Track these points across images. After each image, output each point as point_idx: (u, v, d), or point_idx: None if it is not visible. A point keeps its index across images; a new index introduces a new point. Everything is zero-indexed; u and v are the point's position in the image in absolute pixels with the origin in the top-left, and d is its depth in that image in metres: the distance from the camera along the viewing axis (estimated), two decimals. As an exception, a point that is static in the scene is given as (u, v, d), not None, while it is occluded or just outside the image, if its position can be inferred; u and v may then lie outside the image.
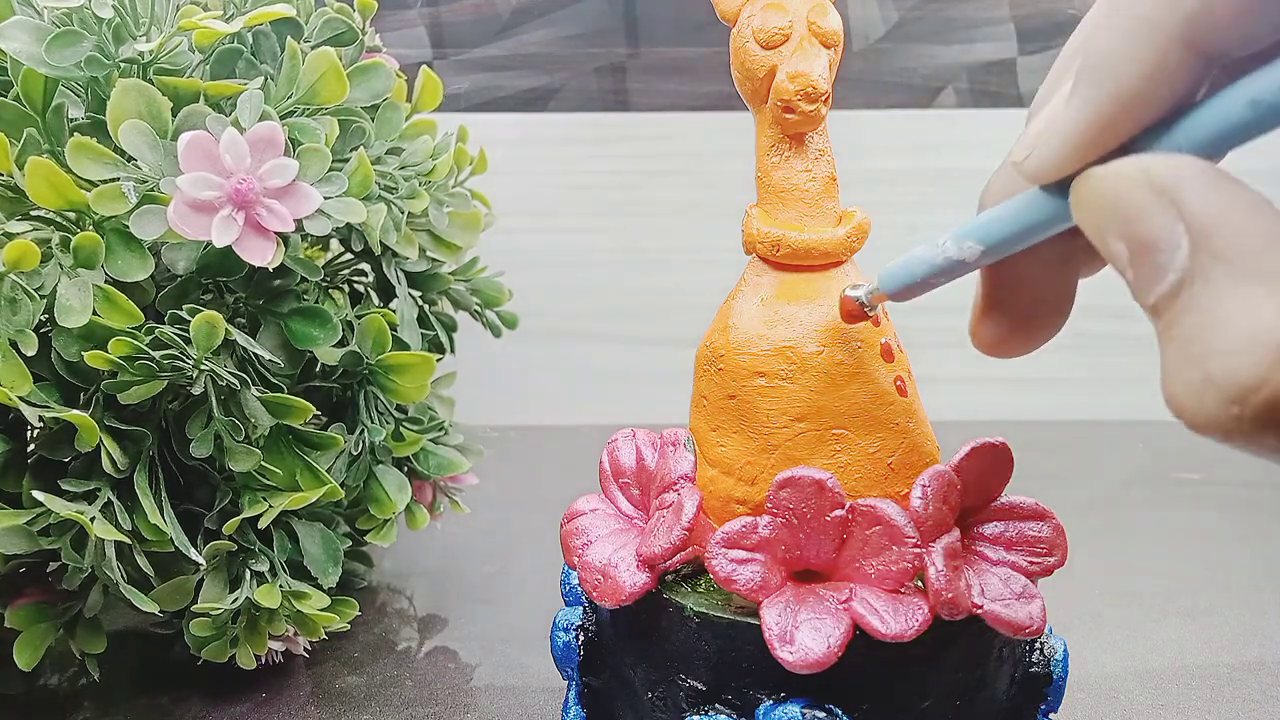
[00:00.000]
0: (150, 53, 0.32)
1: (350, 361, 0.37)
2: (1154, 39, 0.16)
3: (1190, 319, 0.15)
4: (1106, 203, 0.17)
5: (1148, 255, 0.16)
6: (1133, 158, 0.16)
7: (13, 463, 0.32)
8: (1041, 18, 0.70)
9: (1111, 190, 0.16)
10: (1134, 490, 0.57)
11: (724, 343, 0.27)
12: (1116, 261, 0.17)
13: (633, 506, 0.29)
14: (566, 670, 0.29)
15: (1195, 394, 0.15)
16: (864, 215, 0.28)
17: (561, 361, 0.71)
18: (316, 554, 0.37)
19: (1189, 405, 0.15)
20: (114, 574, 0.32)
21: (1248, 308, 0.14)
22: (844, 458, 0.26)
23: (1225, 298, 0.15)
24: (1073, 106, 0.17)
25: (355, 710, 0.37)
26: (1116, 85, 0.16)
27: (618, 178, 0.70)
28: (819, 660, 0.23)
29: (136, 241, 0.31)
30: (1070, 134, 0.17)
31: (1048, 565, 0.25)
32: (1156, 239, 0.16)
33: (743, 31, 0.27)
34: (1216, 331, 0.15)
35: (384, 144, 0.39)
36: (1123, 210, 0.16)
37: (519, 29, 0.71)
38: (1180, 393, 0.15)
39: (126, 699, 0.37)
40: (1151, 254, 0.16)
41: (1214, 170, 0.16)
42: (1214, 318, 0.15)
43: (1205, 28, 0.15)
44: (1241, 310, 0.14)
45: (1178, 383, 0.15)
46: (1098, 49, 0.16)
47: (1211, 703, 0.36)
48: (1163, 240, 0.15)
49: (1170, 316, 0.15)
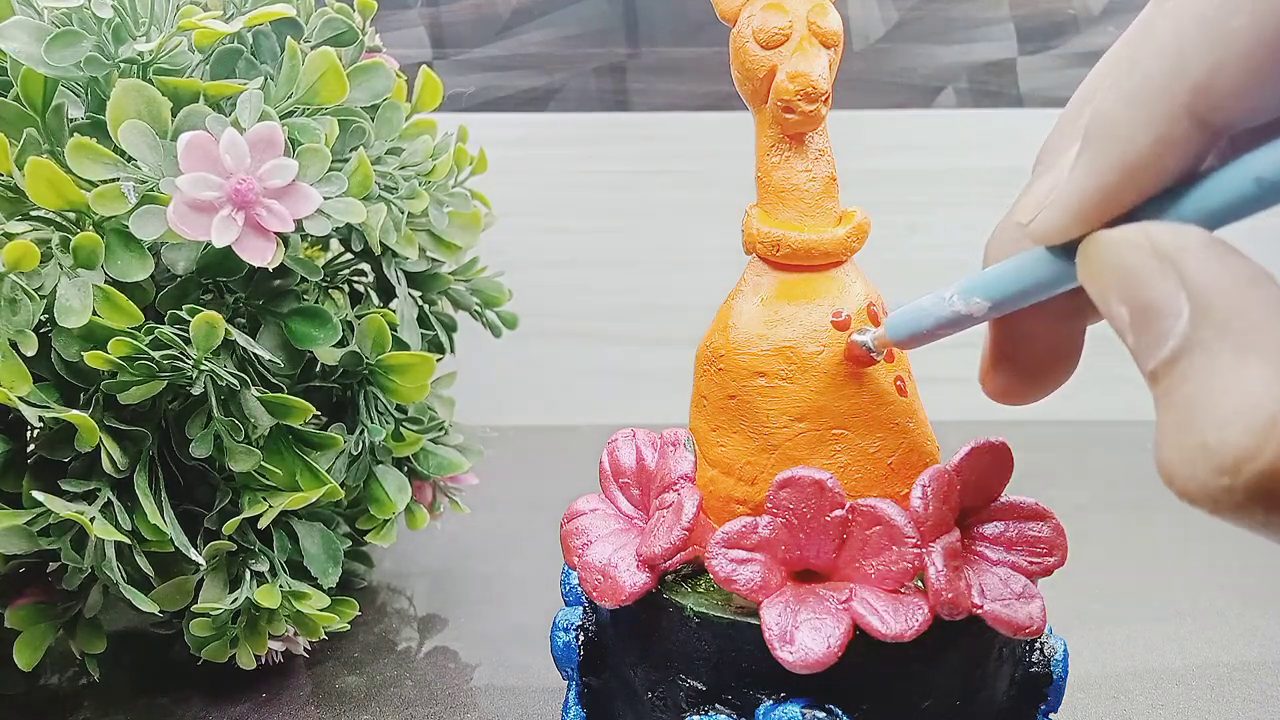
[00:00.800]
0: (150, 53, 0.32)
1: (350, 361, 0.37)
2: (1160, 109, 0.16)
3: (1187, 387, 0.15)
4: (1111, 267, 0.17)
5: (1149, 321, 0.16)
6: (1139, 225, 0.17)
7: (13, 463, 0.32)
8: (1041, 18, 0.70)
9: (1116, 255, 0.17)
10: (1134, 490, 0.57)
11: (724, 343, 0.27)
12: (1118, 325, 0.17)
13: (633, 506, 0.29)
14: (566, 670, 0.29)
15: (1187, 462, 0.15)
16: (864, 215, 0.28)
17: (561, 361, 0.71)
18: (316, 554, 0.37)
19: (1180, 473, 0.15)
20: (114, 574, 0.32)
21: (1244, 379, 0.14)
22: (844, 458, 0.26)
23: (1223, 368, 0.15)
24: (1078, 172, 0.17)
25: (355, 710, 0.37)
26: (1122, 153, 0.16)
27: (618, 178, 0.70)
28: (819, 660, 0.23)
29: (136, 241, 0.31)
30: (1075, 199, 0.17)
31: (1048, 565, 0.25)
32: (1158, 306, 0.16)
33: (743, 31, 0.27)
34: (1212, 401, 0.15)
35: (384, 144, 0.39)
36: (1126, 275, 0.16)
37: (519, 29, 0.71)
38: (1172, 459, 0.15)
39: (126, 699, 0.37)
40: (1153, 320, 0.16)
41: (1217, 241, 0.16)
42: (1210, 387, 0.15)
43: (1211, 99, 0.15)
44: (1238, 381, 0.14)
45: (1171, 450, 0.15)
46: (1104, 115, 0.16)
47: (1211, 703, 0.36)
48: (1164, 307, 0.16)
49: (1168, 384, 0.16)
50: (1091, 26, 0.70)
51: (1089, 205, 0.17)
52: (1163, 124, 0.16)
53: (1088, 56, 0.70)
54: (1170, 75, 0.15)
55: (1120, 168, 0.16)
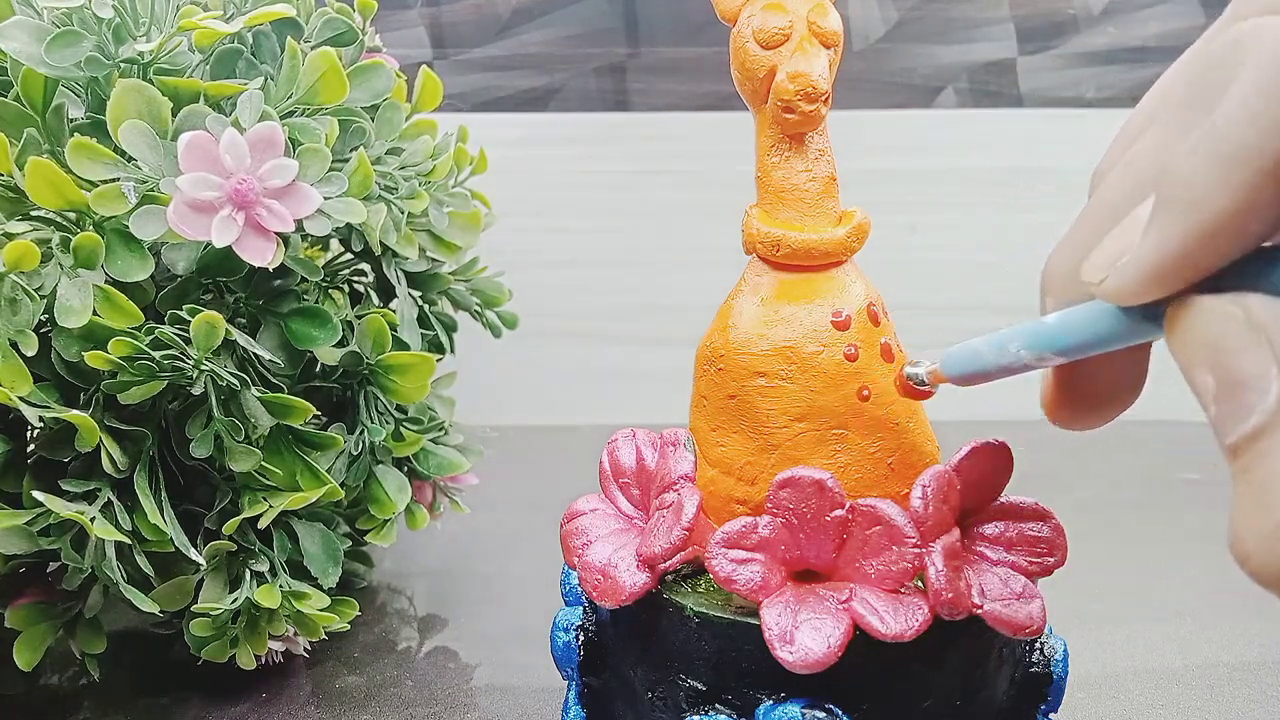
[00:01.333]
0: (150, 53, 0.32)
1: (350, 361, 0.37)
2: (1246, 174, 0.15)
3: (1267, 464, 0.15)
4: (1201, 335, 0.16)
5: (1235, 394, 0.16)
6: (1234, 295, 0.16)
7: (13, 463, 0.32)
8: (1041, 18, 0.70)
9: (1208, 324, 0.16)
10: (1134, 490, 0.57)
11: (724, 343, 0.27)
12: (1202, 395, 0.16)
13: (633, 506, 0.29)
14: (566, 670, 0.29)
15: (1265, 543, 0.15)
16: (864, 215, 0.28)
17: (561, 361, 0.71)
18: (316, 554, 0.37)
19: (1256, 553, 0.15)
20: (114, 574, 0.32)
21: None
22: (844, 458, 0.26)
23: None
24: (1154, 235, 0.16)
25: (355, 710, 0.37)
26: (1202, 218, 0.16)
27: (618, 178, 0.70)
28: (819, 660, 0.23)
29: (136, 241, 0.31)
30: (1152, 264, 0.17)
31: (1048, 565, 0.25)
32: (1247, 378, 0.16)
33: (743, 31, 0.27)
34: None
35: (384, 144, 0.39)
36: (1217, 344, 0.16)
37: (519, 29, 0.71)
38: (1247, 538, 0.15)
39: (126, 699, 0.37)
40: (1239, 393, 0.16)
41: None
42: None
43: None
44: None
45: (1246, 528, 0.15)
46: (1183, 177, 0.16)
47: (1211, 703, 0.36)
48: (1253, 382, 0.15)
49: (1247, 460, 0.15)
50: (1091, 26, 0.70)
51: (1167, 270, 0.16)
52: (1248, 189, 0.15)
53: (1088, 56, 0.70)
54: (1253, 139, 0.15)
55: (1200, 233, 0.16)
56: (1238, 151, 0.15)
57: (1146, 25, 0.69)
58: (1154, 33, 0.69)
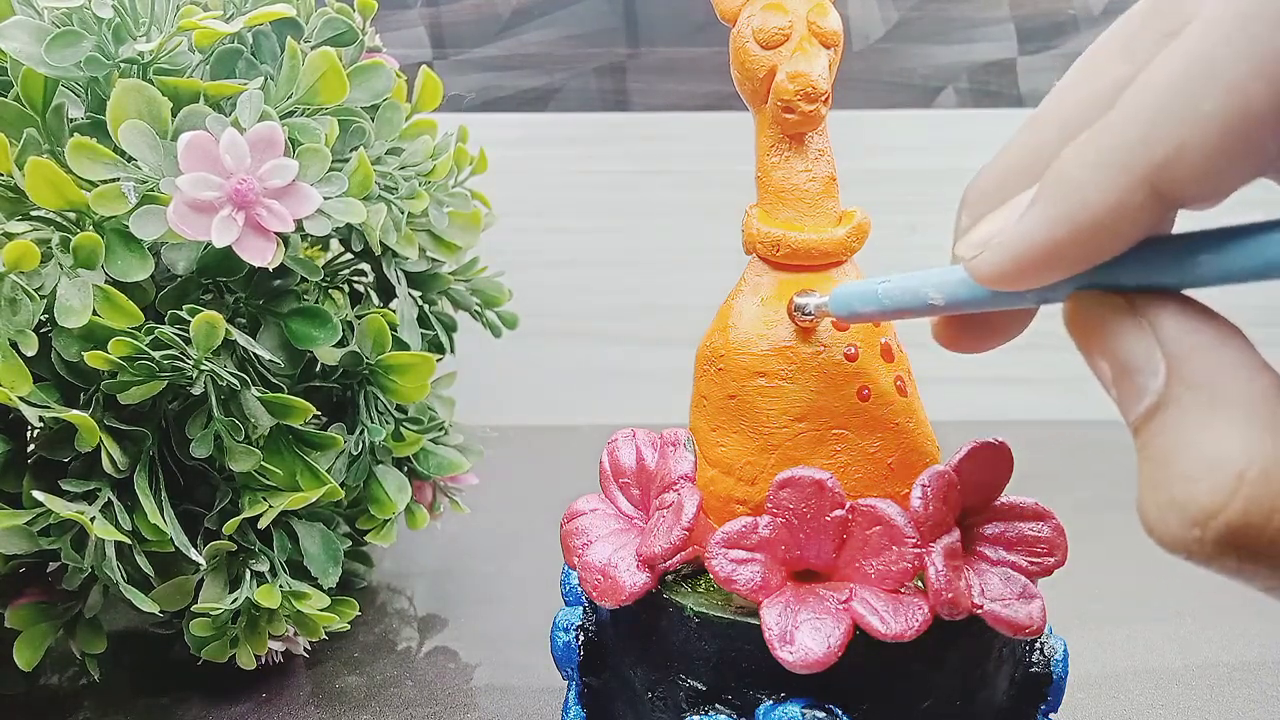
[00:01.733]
0: (150, 53, 0.32)
1: (350, 361, 0.37)
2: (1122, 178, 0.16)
3: (1160, 441, 0.16)
4: (1093, 324, 0.17)
5: (1128, 377, 0.17)
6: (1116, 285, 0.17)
7: (13, 463, 0.32)
8: (1041, 18, 0.70)
9: (1098, 314, 0.17)
10: (1134, 490, 0.56)
11: (724, 343, 0.27)
12: (1102, 379, 0.18)
13: (633, 506, 0.29)
14: (566, 670, 0.29)
15: (1161, 514, 0.16)
16: (864, 215, 0.28)
17: (561, 361, 0.71)
18: (316, 554, 0.37)
19: (1156, 524, 0.16)
20: (114, 574, 0.32)
21: (1212, 436, 0.15)
22: (844, 458, 0.26)
23: (1193, 424, 0.16)
24: (1028, 221, 0.17)
25: (355, 710, 0.37)
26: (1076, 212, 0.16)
27: (618, 178, 0.70)
28: (819, 660, 0.23)
29: (136, 241, 0.31)
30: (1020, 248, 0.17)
31: (1048, 565, 0.25)
32: (1136, 363, 0.17)
33: (742, 31, 0.27)
34: (1182, 456, 0.16)
35: (384, 144, 0.39)
36: (1107, 333, 0.17)
37: (519, 29, 0.71)
38: (1149, 511, 0.16)
39: (126, 699, 0.37)
40: (1131, 376, 0.17)
41: (1191, 302, 0.16)
42: (1181, 442, 0.16)
43: (1173, 176, 0.15)
44: (1206, 438, 0.15)
45: (1148, 501, 0.16)
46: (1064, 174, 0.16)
47: (1211, 703, 0.36)
48: (1142, 365, 0.17)
49: (1145, 437, 0.16)
50: (1091, 26, 0.70)
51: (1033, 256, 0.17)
52: (1121, 192, 0.16)
53: (1088, 56, 0.70)
54: (1135, 146, 0.15)
55: (1071, 226, 0.16)
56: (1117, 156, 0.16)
57: (1146, 25, 0.69)
58: (1154, 33, 0.69)
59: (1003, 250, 0.17)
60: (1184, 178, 0.15)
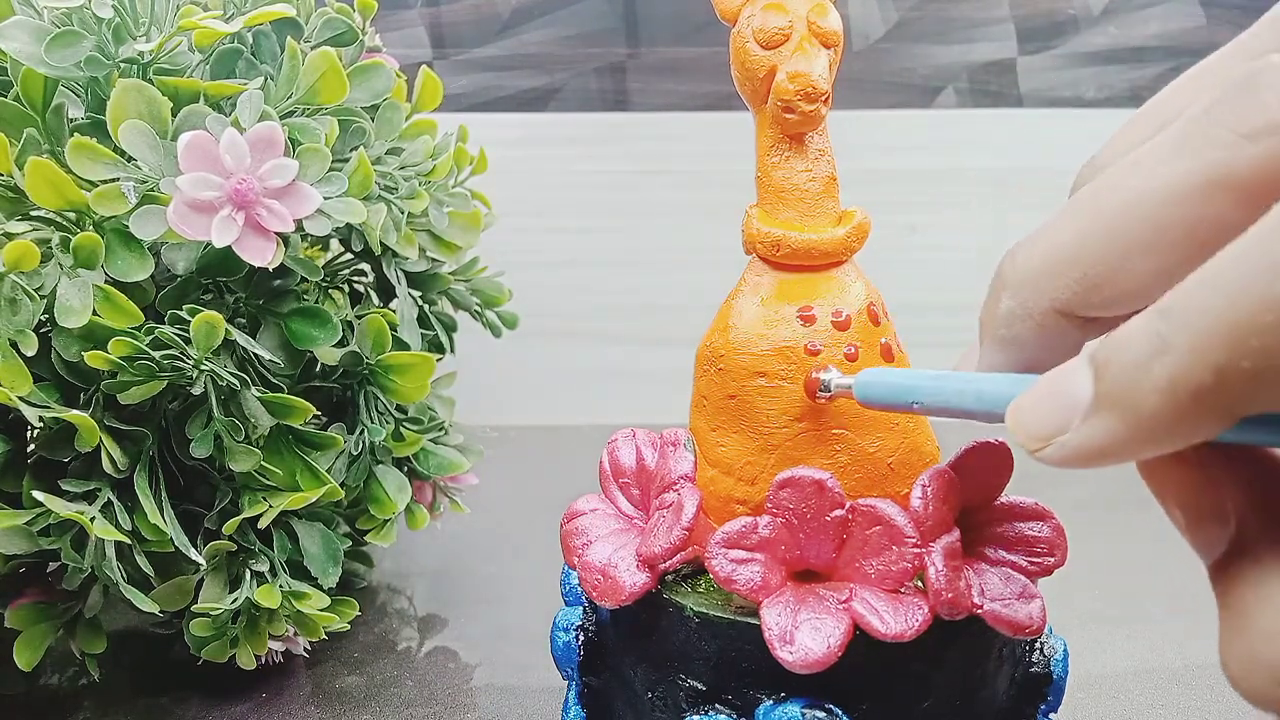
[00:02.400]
0: (150, 53, 0.32)
1: (350, 361, 0.37)
2: (1195, 407, 0.14)
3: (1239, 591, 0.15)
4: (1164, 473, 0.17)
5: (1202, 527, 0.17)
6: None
7: (13, 463, 0.32)
8: (1041, 18, 0.70)
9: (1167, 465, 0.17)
10: (1134, 490, 0.56)
11: (724, 343, 0.27)
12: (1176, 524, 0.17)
13: (633, 506, 0.29)
14: (566, 670, 0.29)
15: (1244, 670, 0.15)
16: (864, 215, 0.28)
17: (561, 361, 0.71)
18: (316, 554, 0.37)
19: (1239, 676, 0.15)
20: (114, 574, 0.32)
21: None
22: (844, 458, 0.26)
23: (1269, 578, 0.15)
24: (1092, 430, 0.16)
25: (355, 710, 0.37)
26: (1143, 439, 0.15)
27: (618, 178, 0.70)
28: (819, 660, 0.23)
29: (136, 241, 0.31)
30: (1089, 453, 0.16)
31: (1048, 565, 0.25)
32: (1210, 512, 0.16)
33: (743, 31, 0.27)
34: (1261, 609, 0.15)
35: (384, 144, 0.39)
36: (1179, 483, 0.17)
37: (519, 29, 0.71)
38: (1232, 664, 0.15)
39: (126, 699, 0.37)
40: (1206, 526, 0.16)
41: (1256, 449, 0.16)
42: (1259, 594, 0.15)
43: (1259, 404, 0.14)
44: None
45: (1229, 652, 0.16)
46: (1129, 395, 0.15)
47: (1211, 703, 0.36)
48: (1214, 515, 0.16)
49: (1223, 585, 0.16)
50: (1091, 26, 0.70)
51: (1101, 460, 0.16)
52: (1196, 421, 0.15)
53: (1088, 56, 0.70)
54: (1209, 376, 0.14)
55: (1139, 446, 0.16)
56: (1192, 387, 0.14)
57: (1146, 25, 0.69)
58: (1154, 33, 0.69)
59: (1073, 451, 0.17)
60: (1269, 402, 0.14)
